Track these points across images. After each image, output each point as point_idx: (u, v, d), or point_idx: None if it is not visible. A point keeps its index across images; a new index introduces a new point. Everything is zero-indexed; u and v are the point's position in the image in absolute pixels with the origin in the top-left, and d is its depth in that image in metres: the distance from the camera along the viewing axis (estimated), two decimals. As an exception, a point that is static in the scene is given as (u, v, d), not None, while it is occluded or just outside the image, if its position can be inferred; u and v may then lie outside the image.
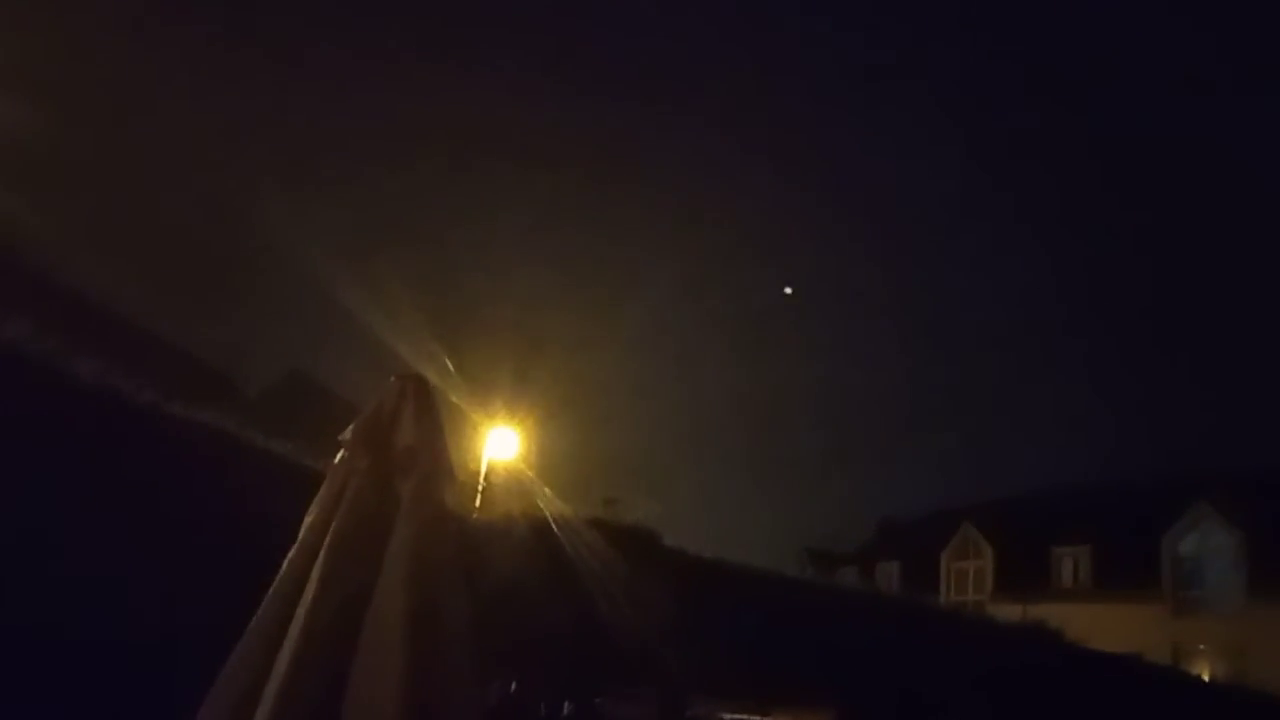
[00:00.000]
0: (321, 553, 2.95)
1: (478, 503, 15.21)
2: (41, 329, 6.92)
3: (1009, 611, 22.93)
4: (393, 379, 3.24)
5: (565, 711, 7.66)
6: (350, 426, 3.14)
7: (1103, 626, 20.61)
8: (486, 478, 16.92)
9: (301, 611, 2.88)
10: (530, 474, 17.61)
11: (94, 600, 5.38)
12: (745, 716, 8.45)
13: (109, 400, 6.89)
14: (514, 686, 7.28)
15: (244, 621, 2.97)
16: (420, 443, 3.08)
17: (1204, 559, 34.63)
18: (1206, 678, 26.82)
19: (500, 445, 18.23)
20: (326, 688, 2.86)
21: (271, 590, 2.98)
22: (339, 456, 3.11)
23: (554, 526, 10.68)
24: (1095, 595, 34.01)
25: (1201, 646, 31.58)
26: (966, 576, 39.35)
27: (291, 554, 3.02)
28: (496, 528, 10.49)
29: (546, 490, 13.90)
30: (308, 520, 3.07)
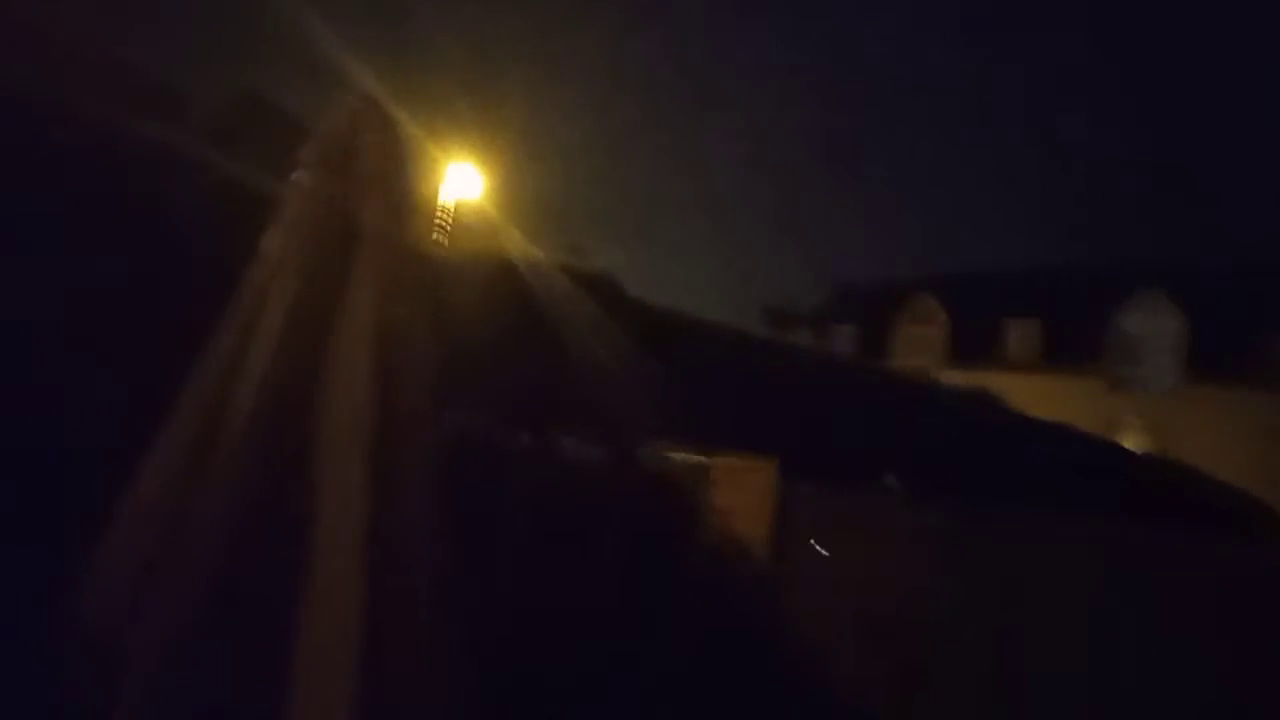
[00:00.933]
0: (285, 274, 2.86)
1: (445, 241, 15.07)
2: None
3: (958, 379, 23.78)
4: (349, 98, 3.02)
5: (522, 442, 7.90)
6: (306, 146, 2.95)
7: (1044, 397, 21.56)
8: (451, 216, 16.69)
9: (267, 334, 2.82)
10: (495, 214, 17.39)
11: (40, 322, 5.20)
12: (691, 456, 8.79)
13: (47, 111, 6.48)
14: (470, 417, 7.44)
15: (204, 337, 2.91)
16: (382, 167, 2.91)
17: (1146, 339, 35.87)
18: (1131, 448, 28.43)
19: (465, 183, 17.86)
20: (291, 408, 2.84)
21: (229, 313, 2.90)
22: (294, 176, 2.94)
23: (519, 266, 10.62)
24: (1040, 368, 35.35)
25: (1134, 421, 33.31)
26: (919, 342, 40.52)
27: (251, 273, 2.92)
28: (459, 264, 10.42)
29: (514, 230, 13.75)
30: (264, 241, 2.95)
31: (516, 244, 12.15)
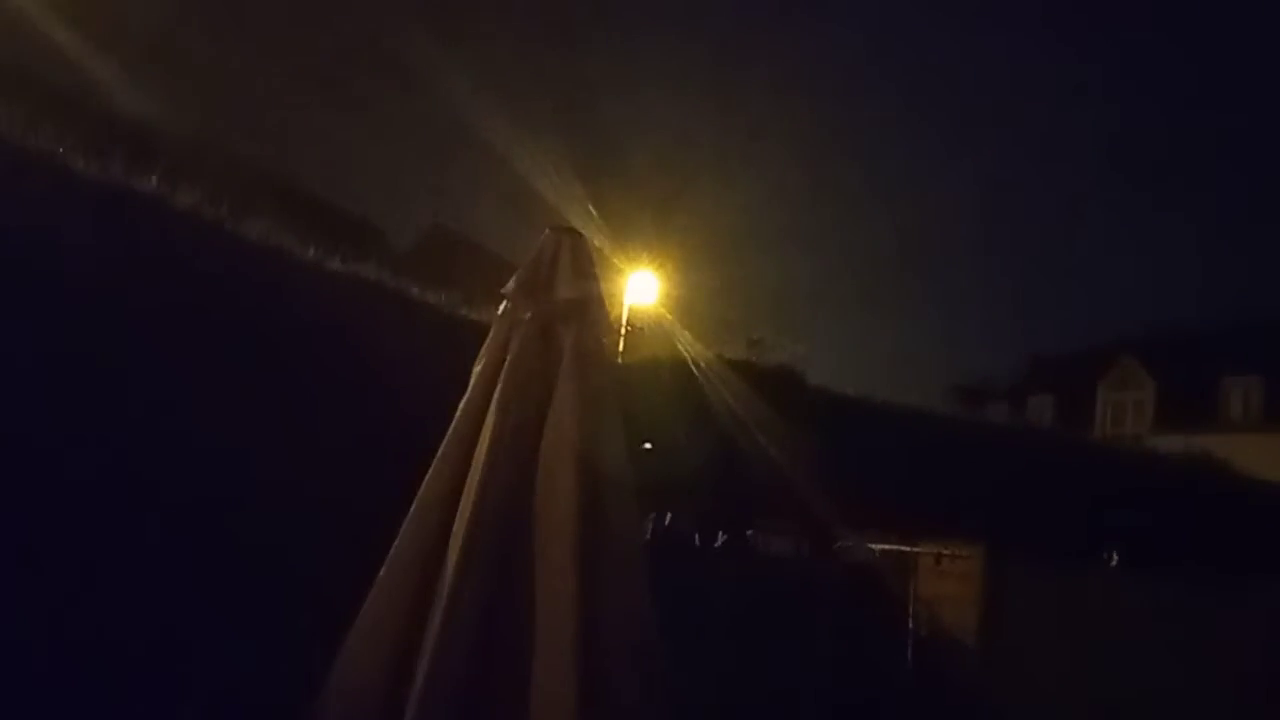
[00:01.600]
0: (494, 400, 3.11)
1: (621, 348, 15.55)
2: (202, 188, 7.21)
3: (1171, 443, 22.18)
4: (548, 231, 3.31)
5: (718, 543, 7.97)
6: (513, 279, 3.24)
7: (1274, 458, 19.79)
8: (629, 322, 17.22)
9: (480, 454, 3.05)
10: (670, 318, 17.80)
11: (253, 465, 5.39)
12: (892, 547, 8.59)
13: (270, 256, 7.17)
14: (668, 519, 7.60)
15: (420, 474, 3.15)
16: (580, 293, 3.16)
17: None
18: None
19: (641, 290, 18.42)
20: (509, 522, 3.06)
21: (449, 435, 3.16)
22: (502, 308, 3.23)
23: (694, 369, 10.84)
24: (1267, 427, 32.50)
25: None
26: (1125, 409, 38.11)
27: (463, 403, 3.18)
28: (642, 372, 10.73)
29: (686, 334, 14.05)
30: (476, 369, 3.22)
31: (691, 346, 12.40)
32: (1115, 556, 9.65)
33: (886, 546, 8.56)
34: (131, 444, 4.97)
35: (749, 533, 8.33)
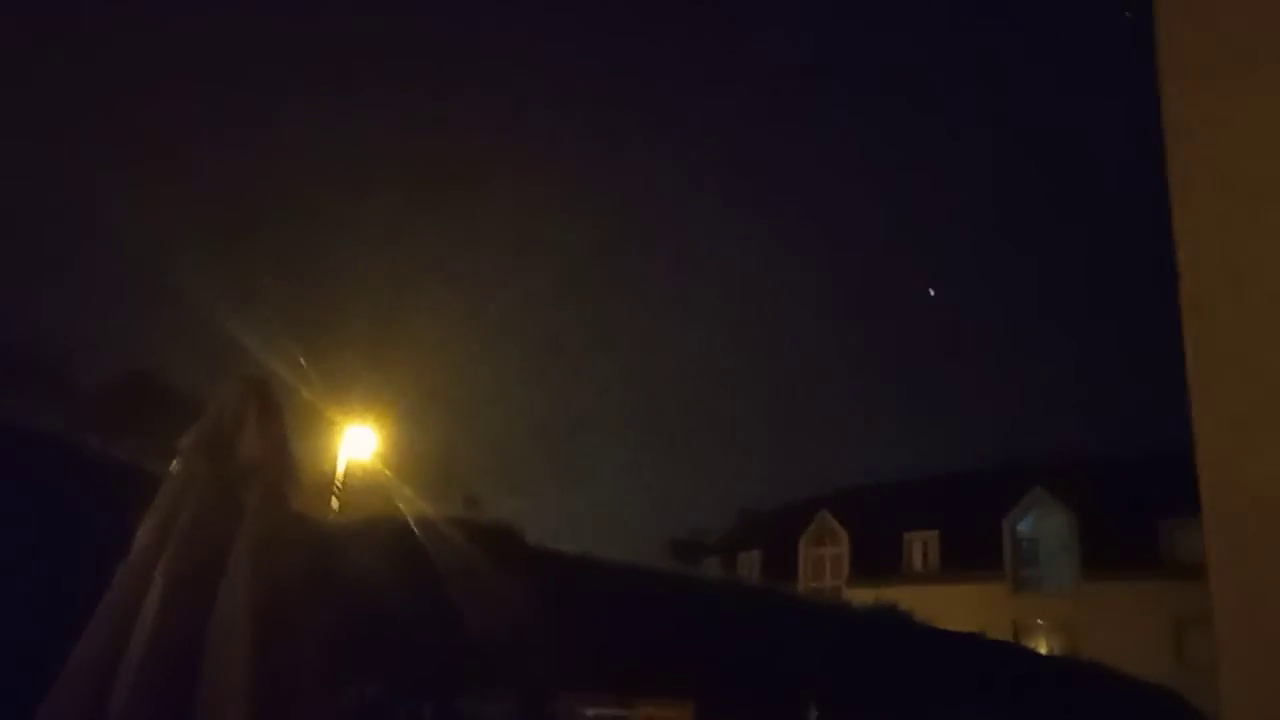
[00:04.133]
0: (160, 564, 2.82)
1: (334, 504, 14.81)
2: None
3: (864, 596, 23.77)
4: (235, 380, 3.11)
5: (426, 714, 7.54)
6: (189, 432, 3.01)
7: (950, 606, 21.65)
8: (344, 478, 16.51)
9: (143, 621, 2.75)
10: (388, 473, 17.26)
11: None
12: (608, 710, 8.49)
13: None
14: (372, 689, 7.12)
15: (74, 636, 2.81)
16: (265, 450, 2.97)
17: (1040, 539, 36.79)
18: (1043, 651, 28.48)
19: (358, 444, 17.80)
20: (172, 694, 2.74)
21: (105, 601, 2.83)
22: (174, 464, 2.97)
23: (413, 527, 10.47)
24: (943, 577, 35.65)
25: (1040, 622, 33.53)
26: (824, 563, 40.63)
27: (125, 564, 2.87)
28: (354, 529, 10.22)
29: (405, 490, 13.63)
30: (143, 528, 2.93)
31: (409, 502, 12.02)
32: (815, 711, 10.04)
33: (600, 711, 8.45)
34: None
35: (459, 700, 7.95)
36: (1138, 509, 33.18)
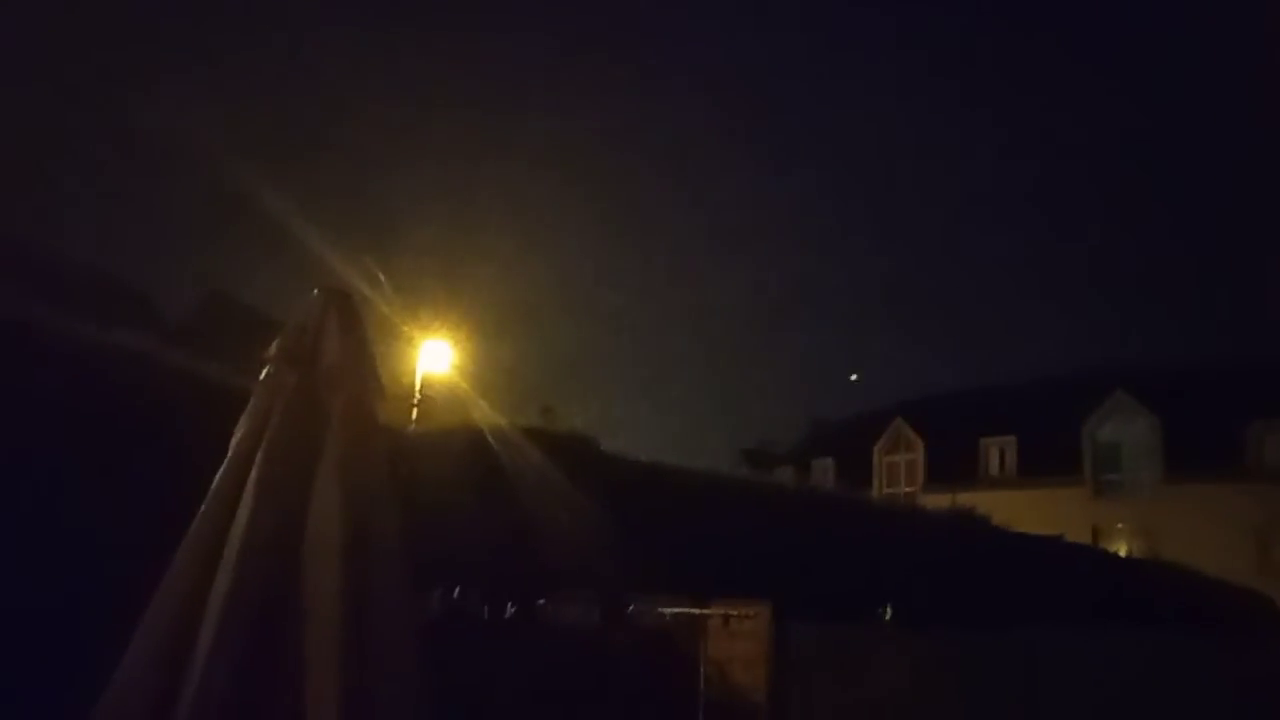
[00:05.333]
0: (254, 469, 2.92)
1: (414, 416, 15.16)
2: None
3: (939, 502, 23.73)
4: (315, 292, 3.17)
5: (508, 614, 7.79)
6: (274, 343, 3.08)
7: (1028, 512, 21.51)
8: (421, 391, 16.86)
9: (238, 527, 2.86)
10: (465, 386, 17.58)
11: (18, 530, 5.27)
12: (683, 609, 8.68)
13: (23, 324, 6.64)
14: (456, 592, 7.37)
15: (179, 539, 2.95)
16: (347, 359, 3.03)
17: (1121, 444, 36.15)
18: (1123, 554, 28.24)
19: (434, 358, 18.13)
20: (267, 599, 2.86)
21: (203, 507, 2.95)
22: (264, 373, 3.05)
23: (490, 438, 10.68)
24: (1021, 483, 35.38)
25: (1119, 526, 33.18)
26: (898, 469, 40.58)
27: (221, 471, 2.98)
28: (432, 441, 10.48)
29: (482, 402, 13.89)
30: (236, 437, 3.03)
31: (485, 414, 12.24)
32: (890, 612, 10.14)
33: (677, 610, 8.63)
34: None
35: (540, 602, 8.20)
36: (1223, 412, 32.36)
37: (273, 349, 3.04)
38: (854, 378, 47.59)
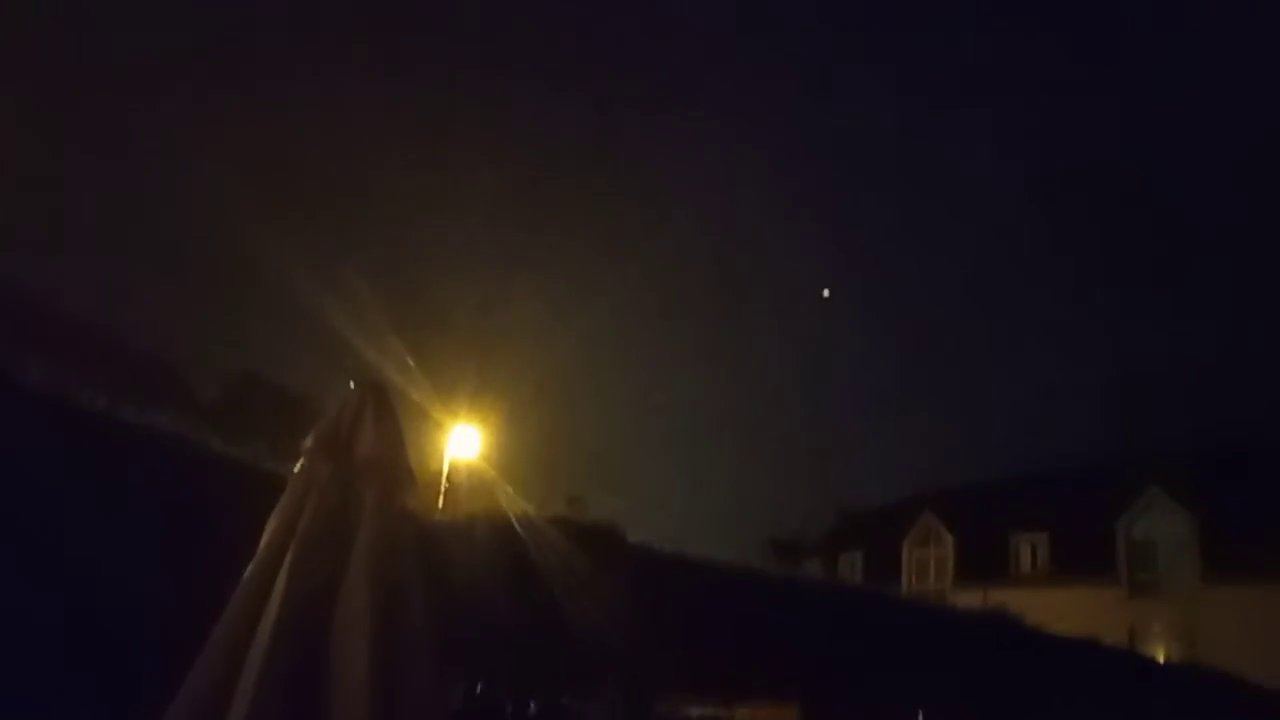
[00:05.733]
0: (287, 558, 2.93)
1: (440, 503, 15.13)
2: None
3: (970, 598, 23.24)
4: (352, 385, 3.21)
5: (531, 710, 7.64)
6: (310, 434, 3.11)
7: (1061, 610, 20.95)
8: (449, 477, 16.85)
9: (269, 616, 2.86)
10: (492, 472, 17.56)
11: (51, 611, 5.27)
12: (711, 711, 8.47)
13: (59, 404, 6.73)
14: (480, 687, 7.26)
15: (208, 628, 2.93)
16: (381, 451, 3.06)
17: (1158, 542, 35.33)
18: (1161, 659, 27.37)
19: (463, 444, 18.17)
20: (296, 688, 2.84)
21: (235, 597, 2.95)
22: (299, 465, 3.08)
23: (516, 525, 10.62)
24: (1053, 580, 34.54)
25: (1156, 628, 32.22)
26: (928, 565, 39.82)
27: (255, 561, 2.99)
28: (458, 528, 10.43)
29: (509, 489, 13.84)
30: (270, 527, 3.05)
31: (512, 500, 12.20)
32: (921, 715, 9.86)
33: (704, 711, 8.44)
34: None
35: (564, 699, 8.05)
36: (1263, 509, 31.61)
37: (309, 441, 3.07)
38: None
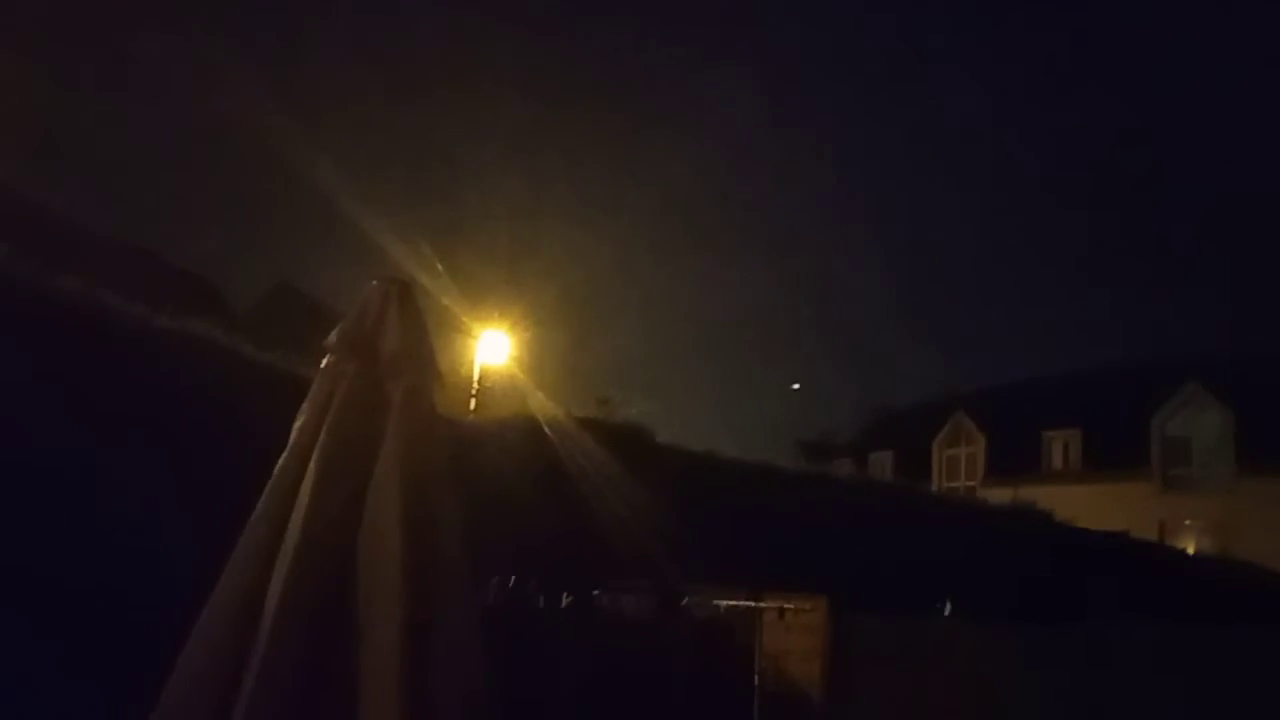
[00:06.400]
0: (314, 456, 2.96)
1: (472, 406, 15.33)
2: (25, 245, 6.82)
3: (1000, 495, 23.34)
4: (374, 282, 3.21)
5: (564, 604, 7.85)
6: (334, 331, 3.13)
7: (1091, 506, 21.09)
8: (480, 381, 17.04)
9: (298, 515, 2.90)
10: (522, 377, 17.72)
11: (85, 515, 5.40)
12: (738, 602, 8.65)
13: (96, 314, 6.83)
14: (512, 582, 7.44)
15: (239, 527, 3.01)
16: (407, 348, 3.07)
17: (1193, 437, 35.14)
18: (1191, 551, 27.52)
19: (493, 349, 18.32)
20: (327, 588, 2.91)
21: (265, 495, 3.00)
22: (325, 361, 3.10)
23: (546, 428, 10.75)
24: (1085, 476, 34.61)
25: (1188, 522, 32.32)
26: (958, 463, 39.98)
27: (283, 458, 3.03)
28: (489, 431, 10.57)
29: (539, 393, 13.99)
30: (297, 424, 3.08)
31: (542, 404, 12.33)
32: (949, 606, 10.00)
33: (732, 602, 8.61)
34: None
35: (595, 592, 8.24)
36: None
37: (333, 337, 3.09)
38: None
